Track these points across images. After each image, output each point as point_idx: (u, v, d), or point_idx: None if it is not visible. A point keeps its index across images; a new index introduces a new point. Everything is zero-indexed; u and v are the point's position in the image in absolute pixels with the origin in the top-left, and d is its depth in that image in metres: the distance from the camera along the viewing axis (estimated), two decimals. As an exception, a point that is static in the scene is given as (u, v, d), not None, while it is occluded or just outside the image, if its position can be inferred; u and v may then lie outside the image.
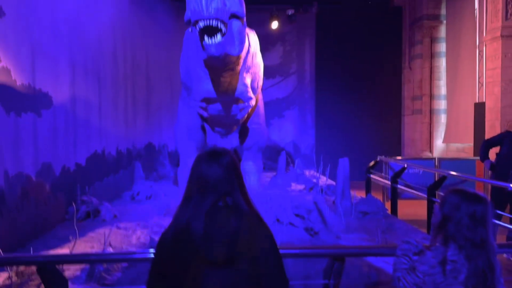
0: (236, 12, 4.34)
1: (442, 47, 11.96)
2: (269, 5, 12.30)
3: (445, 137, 11.65)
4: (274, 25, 12.39)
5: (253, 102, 5.87)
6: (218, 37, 4.19)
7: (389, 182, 7.39)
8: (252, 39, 5.77)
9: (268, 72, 12.36)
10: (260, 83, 6.35)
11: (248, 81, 5.60)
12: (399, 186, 7.10)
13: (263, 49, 6.76)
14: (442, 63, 11.98)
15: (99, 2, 7.08)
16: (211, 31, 4.22)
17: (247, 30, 5.57)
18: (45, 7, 5.33)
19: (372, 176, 8.19)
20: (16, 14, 4.68)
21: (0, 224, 4.11)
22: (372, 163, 8.42)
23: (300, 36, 13.03)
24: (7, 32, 4.51)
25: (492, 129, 8.18)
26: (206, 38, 4.23)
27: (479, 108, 8.81)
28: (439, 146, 11.94)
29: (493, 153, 6.25)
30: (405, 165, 7.37)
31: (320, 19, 12.66)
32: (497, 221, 5.01)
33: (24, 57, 4.86)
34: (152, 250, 3.45)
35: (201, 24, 4.08)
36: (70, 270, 3.60)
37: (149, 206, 6.32)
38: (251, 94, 5.70)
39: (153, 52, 9.97)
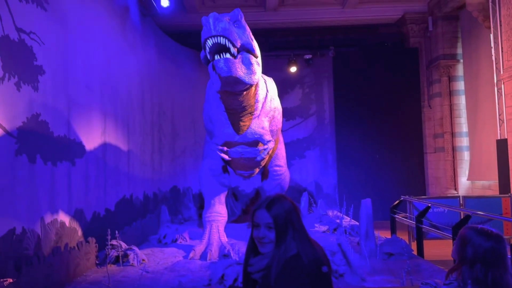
0: (246, 44, 4.52)
1: (460, 85, 12.06)
2: (287, 51, 12.80)
3: (470, 174, 11.51)
4: (293, 69, 12.80)
5: (271, 144, 6.06)
6: (227, 54, 4.33)
7: (413, 222, 7.32)
8: (270, 85, 6.03)
9: (288, 113, 12.62)
10: (279, 126, 6.56)
11: (266, 124, 5.83)
12: (424, 226, 7.02)
13: (283, 92, 7.01)
14: (461, 101, 12.02)
15: (129, 54, 7.57)
16: (221, 52, 4.34)
17: (265, 77, 5.84)
18: (80, 63, 5.77)
19: (396, 216, 8.13)
20: (54, 71, 5.09)
21: (37, 269, 4.31)
22: (396, 202, 8.37)
23: (318, 79, 13.35)
24: (46, 88, 4.90)
25: (516, 166, 8.10)
26: (216, 56, 4.35)
27: (502, 145, 8.75)
28: (464, 183, 11.77)
29: None
30: (429, 205, 7.31)
31: (337, 61, 12.98)
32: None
33: (60, 110, 5.23)
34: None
35: (210, 42, 4.17)
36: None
37: (175, 249, 6.45)
38: (269, 137, 5.91)
39: (178, 99, 10.41)
